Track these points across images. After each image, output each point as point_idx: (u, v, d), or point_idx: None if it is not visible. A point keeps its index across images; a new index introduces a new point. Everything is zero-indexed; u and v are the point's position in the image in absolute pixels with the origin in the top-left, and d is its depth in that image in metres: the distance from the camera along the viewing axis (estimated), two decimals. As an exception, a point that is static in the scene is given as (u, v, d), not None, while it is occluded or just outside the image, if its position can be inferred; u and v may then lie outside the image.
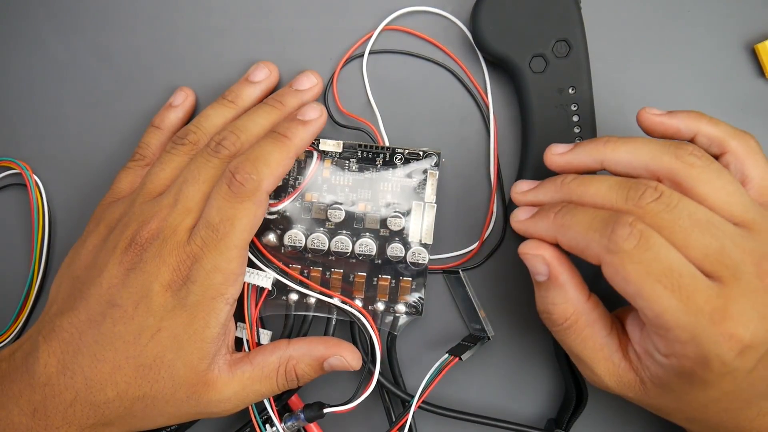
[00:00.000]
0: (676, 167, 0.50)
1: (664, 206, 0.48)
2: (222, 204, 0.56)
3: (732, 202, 0.49)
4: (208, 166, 0.59)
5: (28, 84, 0.70)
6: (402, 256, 0.64)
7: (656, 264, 0.46)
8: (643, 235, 0.47)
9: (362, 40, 0.69)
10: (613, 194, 0.50)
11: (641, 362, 0.52)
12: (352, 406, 0.61)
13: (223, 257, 0.55)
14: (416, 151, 0.64)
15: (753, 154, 0.54)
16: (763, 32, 0.68)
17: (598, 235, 0.48)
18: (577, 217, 0.51)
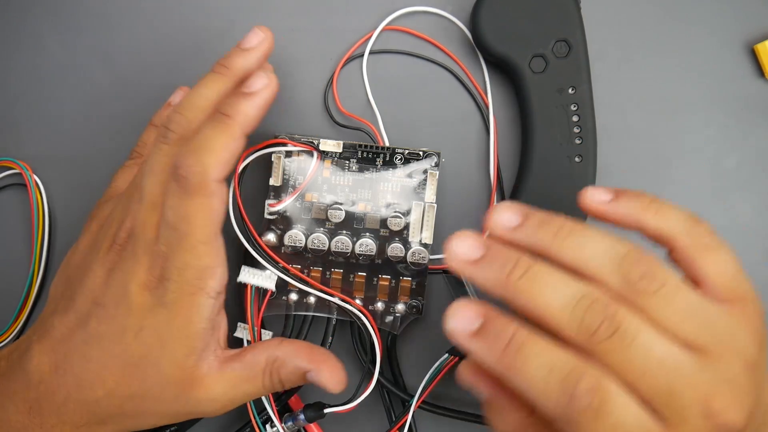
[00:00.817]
0: (624, 292, 0.45)
1: (618, 344, 0.43)
2: (174, 202, 0.53)
3: (683, 329, 0.44)
4: (160, 154, 0.55)
5: (28, 84, 0.70)
6: (402, 256, 0.64)
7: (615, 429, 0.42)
8: (603, 402, 0.42)
9: (362, 40, 0.69)
10: (565, 318, 0.44)
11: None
12: (353, 406, 0.61)
13: (190, 255, 0.53)
14: (416, 151, 0.64)
15: (704, 251, 0.48)
16: (763, 32, 0.68)
17: (554, 401, 0.43)
18: (530, 366, 0.44)
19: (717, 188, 0.68)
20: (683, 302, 0.45)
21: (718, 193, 0.68)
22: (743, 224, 0.67)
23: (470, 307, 0.46)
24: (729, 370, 0.44)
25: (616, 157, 0.68)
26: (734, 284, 0.48)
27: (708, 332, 0.45)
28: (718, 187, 0.68)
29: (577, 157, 0.64)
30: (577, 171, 0.64)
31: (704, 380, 0.44)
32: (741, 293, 0.48)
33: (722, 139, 0.68)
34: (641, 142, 0.68)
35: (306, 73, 0.69)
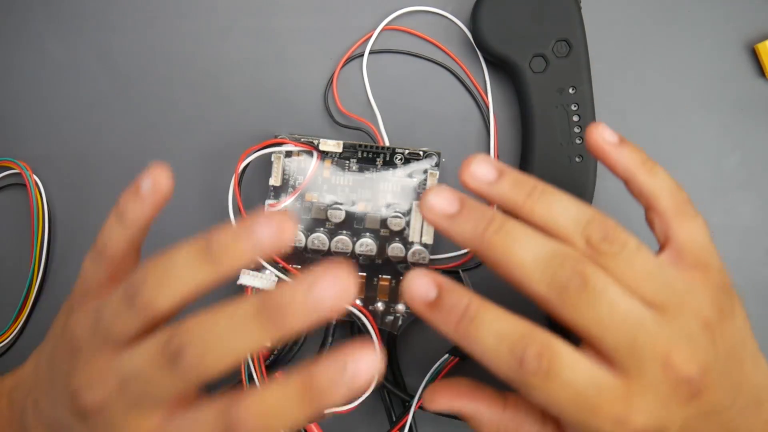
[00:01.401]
0: (589, 253, 0.47)
1: (586, 299, 0.45)
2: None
3: (645, 280, 0.47)
4: (158, 379, 0.44)
5: (28, 84, 0.70)
6: (402, 256, 0.64)
7: (563, 392, 0.45)
8: (551, 364, 0.44)
9: (362, 39, 0.69)
10: (536, 274, 0.46)
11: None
12: (353, 406, 0.61)
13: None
14: (416, 151, 0.64)
15: (680, 215, 0.51)
16: (763, 32, 0.68)
17: (505, 366, 0.45)
18: (481, 334, 0.45)
19: (717, 188, 0.68)
20: (644, 263, 0.47)
21: (718, 193, 0.68)
22: (743, 224, 0.67)
23: (425, 276, 0.47)
24: (687, 326, 0.47)
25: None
26: (702, 252, 0.50)
27: (667, 291, 0.47)
28: (718, 187, 0.68)
29: (577, 157, 0.64)
30: (577, 171, 0.64)
31: (664, 335, 0.46)
32: (706, 261, 0.50)
33: (722, 139, 0.68)
34: (641, 142, 0.68)
35: (306, 73, 0.70)
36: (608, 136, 0.52)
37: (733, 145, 0.68)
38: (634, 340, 0.45)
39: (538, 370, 0.44)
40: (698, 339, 0.47)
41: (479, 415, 0.53)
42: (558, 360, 0.45)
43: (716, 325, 0.48)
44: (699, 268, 0.50)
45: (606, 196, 0.67)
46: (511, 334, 0.45)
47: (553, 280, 0.45)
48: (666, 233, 0.51)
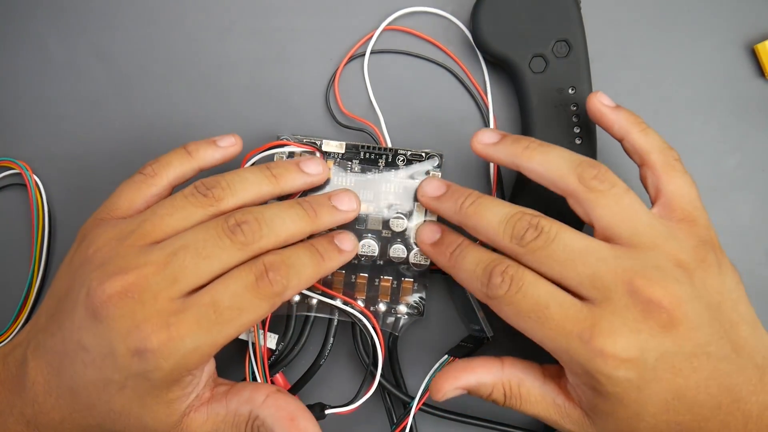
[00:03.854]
0: (576, 189, 0.54)
1: (542, 243, 0.53)
2: (241, 292, 0.52)
3: (623, 226, 0.53)
4: (217, 243, 0.53)
5: (28, 84, 0.70)
6: (404, 257, 0.64)
7: (525, 302, 0.52)
8: (513, 278, 0.53)
9: (363, 40, 0.69)
10: (500, 231, 0.54)
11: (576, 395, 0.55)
12: (354, 407, 0.61)
13: (210, 341, 0.51)
14: (419, 152, 0.64)
15: (670, 169, 0.57)
16: (763, 32, 0.68)
17: (479, 284, 0.54)
18: (465, 262, 0.56)
19: (717, 188, 0.68)
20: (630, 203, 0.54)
21: (718, 193, 0.68)
22: (743, 224, 0.68)
23: (433, 224, 0.62)
24: (657, 260, 0.52)
25: (616, 157, 0.67)
26: (688, 206, 0.56)
27: (646, 231, 0.53)
28: (717, 188, 0.68)
29: (578, 157, 0.64)
30: (577, 171, 0.64)
31: (626, 265, 0.51)
32: (692, 215, 0.55)
33: (722, 139, 0.68)
34: (641, 142, 0.68)
35: (307, 73, 0.69)
36: (606, 101, 0.60)
37: (732, 145, 0.68)
38: (595, 272, 0.51)
39: (502, 283, 0.53)
40: (669, 272, 0.51)
41: (482, 381, 0.57)
42: (521, 276, 0.53)
43: (694, 270, 0.52)
44: (686, 221, 0.55)
45: (606, 196, 0.67)
46: (486, 259, 0.55)
47: (513, 232, 0.54)
48: (656, 186, 0.57)
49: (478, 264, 0.55)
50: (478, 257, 0.56)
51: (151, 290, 0.51)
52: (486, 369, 0.57)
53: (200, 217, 0.56)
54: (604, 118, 0.60)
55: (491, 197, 0.58)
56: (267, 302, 0.53)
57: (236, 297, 0.52)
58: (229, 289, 0.52)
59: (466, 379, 0.57)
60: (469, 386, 0.57)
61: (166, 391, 0.52)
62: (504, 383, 0.57)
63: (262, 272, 0.53)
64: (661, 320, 0.49)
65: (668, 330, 0.49)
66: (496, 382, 0.57)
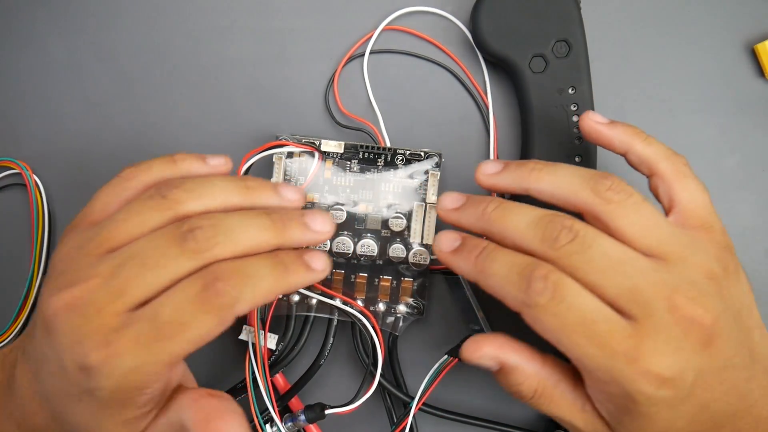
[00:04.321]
0: (593, 203, 0.51)
1: (578, 247, 0.48)
2: (184, 304, 0.47)
3: (647, 236, 0.50)
4: (165, 251, 0.49)
5: (28, 84, 0.70)
6: (403, 256, 0.64)
7: (571, 315, 0.47)
8: (557, 286, 0.47)
9: (363, 40, 0.69)
10: (530, 233, 0.50)
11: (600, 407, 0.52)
12: (354, 407, 0.61)
13: (152, 359, 0.47)
14: (418, 152, 0.64)
15: (681, 177, 0.55)
16: (763, 32, 0.68)
17: (515, 290, 0.49)
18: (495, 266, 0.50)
19: (716, 188, 0.67)
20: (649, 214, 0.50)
21: (718, 193, 0.67)
22: (743, 224, 0.67)
23: (452, 232, 0.54)
24: (691, 274, 0.49)
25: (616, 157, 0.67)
26: (703, 213, 0.54)
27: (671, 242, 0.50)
28: (717, 188, 0.67)
29: (577, 157, 0.64)
30: (577, 171, 0.64)
31: (665, 279, 0.48)
32: (709, 222, 0.53)
33: (722, 139, 0.68)
34: (641, 142, 0.68)
35: (306, 73, 0.70)
36: (599, 119, 0.57)
37: (732, 145, 0.68)
38: (635, 285, 0.47)
39: (544, 290, 0.47)
40: (703, 287, 0.49)
41: (522, 367, 0.53)
42: (564, 284, 0.47)
43: (722, 280, 0.50)
44: (703, 228, 0.53)
45: (606, 196, 0.67)
46: (521, 263, 0.49)
47: (545, 234, 0.49)
48: (669, 195, 0.54)
49: (512, 267, 0.49)
50: (511, 260, 0.50)
51: (95, 304, 0.47)
52: (529, 357, 0.54)
53: (157, 222, 0.51)
54: (602, 136, 0.57)
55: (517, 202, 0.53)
56: (213, 316, 0.47)
57: (178, 310, 0.47)
58: (171, 301, 0.48)
59: (508, 355, 0.53)
60: (507, 364, 0.53)
61: (119, 409, 0.49)
62: (540, 380, 0.53)
63: (209, 282, 0.48)
64: (701, 338, 0.47)
65: (706, 347, 0.47)
66: (533, 376, 0.53)
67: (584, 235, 0.49)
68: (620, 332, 0.47)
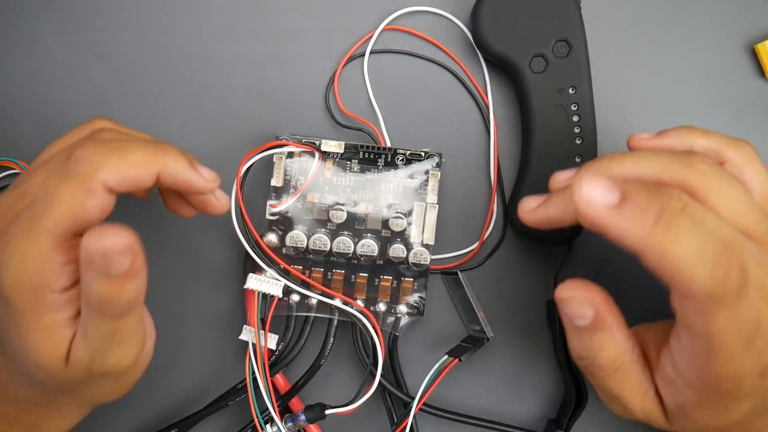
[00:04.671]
0: (687, 176, 0.46)
1: (688, 222, 0.42)
2: (47, 180, 0.47)
3: (745, 212, 0.46)
4: (50, 180, 0.48)
5: (27, 84, 0.70)
6: (404, 256, 0.64)
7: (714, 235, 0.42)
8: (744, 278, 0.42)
9: (363, 40, 0.69)
10: (642, 195, 0.43)
11: (669, 390, 0.49)
12: (354, 407, 0.61)
13: (32, 242, 0.46)
14: (418, 151, 0.64)
15: (752, 161, 0.52)
16: (763, 32, 0.68)
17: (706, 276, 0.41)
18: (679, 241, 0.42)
19: (717, 188, 0.68)
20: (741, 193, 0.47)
21: (718, 193, 0.68)
22: (743, 224, 0.67)
23: (606, 178, 0.44)
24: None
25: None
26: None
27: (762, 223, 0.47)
28: (718, 187, 0.68)
29: (577, 157, 0.64)
30: (577, 171, 0.64)
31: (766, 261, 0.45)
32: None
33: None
34: (641, 142, 0.68)
35: (307, 73, 0.69)
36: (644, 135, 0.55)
37: (732, 145, 0.68)
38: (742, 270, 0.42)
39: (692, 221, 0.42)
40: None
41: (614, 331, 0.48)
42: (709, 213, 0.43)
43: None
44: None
45: (606, 196, 0.67)
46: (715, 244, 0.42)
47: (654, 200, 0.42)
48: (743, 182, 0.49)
49: (706, 248, 0.41)
50: (704, 237, 0.42)
51: (3, 208, 0.49)
52: (622, 325, 0.49)
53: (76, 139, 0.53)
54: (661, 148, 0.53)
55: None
56: (76, 184, 0.46)
57: (44, 186, 0.47)
58: (38, 178, 0.49)
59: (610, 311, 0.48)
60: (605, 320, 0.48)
61: (35, 313, 0.47)
62: (623, 352, 0.49)
63: (68, 152, 0.48)
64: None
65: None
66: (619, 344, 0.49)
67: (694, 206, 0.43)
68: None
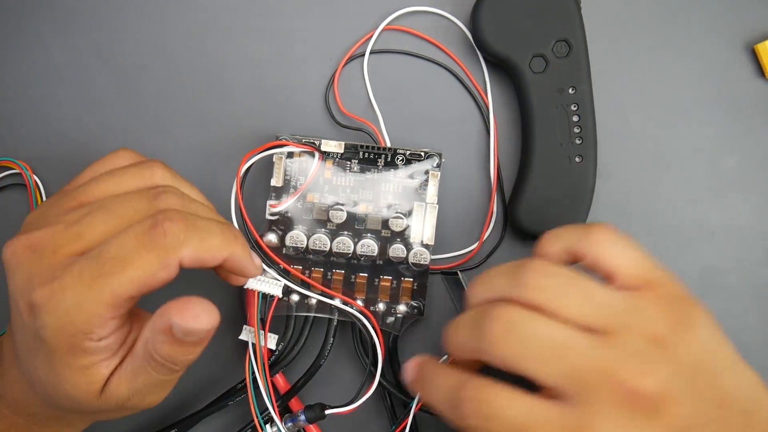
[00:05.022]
0: (522, 294, 0.48)
1: (514, 337, 0.46)
2: (128, 242, 0.47)
3: (585, 311, 0.47)
4: (133, 206, 0.49)
5: (27, 84, 0.70)
6: (403, 256, 0.64)
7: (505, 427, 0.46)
8: (482, 404, 0.47)
9: (363, 40, 0.69)
10: (467, 334, 0.50)
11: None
12: (353, 407, 0.61)
13: (94, 297, 0.45)
14: (418, 152, 0.64)
15: (606, 247, 0.51)
16: (763, 32, 0.68)
17: (451, 415, 0.48)
18: (431, 391, 0.52)
19: (716, 188, 0.68)
20: (580, 291, 0.48)
21: (718, 193, 0.68)
22: (743, 224, 0.68)
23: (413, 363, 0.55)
24: (633, 345, 0.46)
25: (616, 157, 0.68)
26: (641, 270, 0.50)
27: (608, 314, 0.47)
28: (717, 187, 0.68)
29: (577, 157, 0.64)
30: (577, 171, 0.64)
31: (606, 356, 0.45)
32: (650, 278, 0.50)
33: (722, 139, 0.68)
34: (641, 142, 0.68)
35: (307, 73, 0.69)
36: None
37: (732, 145, 0.68)
38: (573, 368, 0.45)
39: (473, 411, 0.46)
40: (648, 355, 0.46)
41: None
42: (493, 398, 0.46)
43: (670, 339, 0.47)
44: (647, 287, 0.49)
45: (606, 197, 0.67)
46: (451, 384, 0.49)
47: (479, 332, 0.48)
48: (603, 269, 0.51)
49: (446, 390, 0.49)
50: (443, 382, 0.50)
51: (53, 245, 0.47)
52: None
53: (133, 186, 0.52)
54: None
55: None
56: (156, 256, 0.46)
57: (122, 247, 0.46)
58: (117, 238, 0.47)
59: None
60: None
61: (70, 356, 0.47)
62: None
63: (158, 221, 0.47)
64: (649, 409, 0.45)
65: (657, 416, 0.45)
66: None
67: (512, 319, 0.47)
68: (558, 422, 0.45)
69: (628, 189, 0.68)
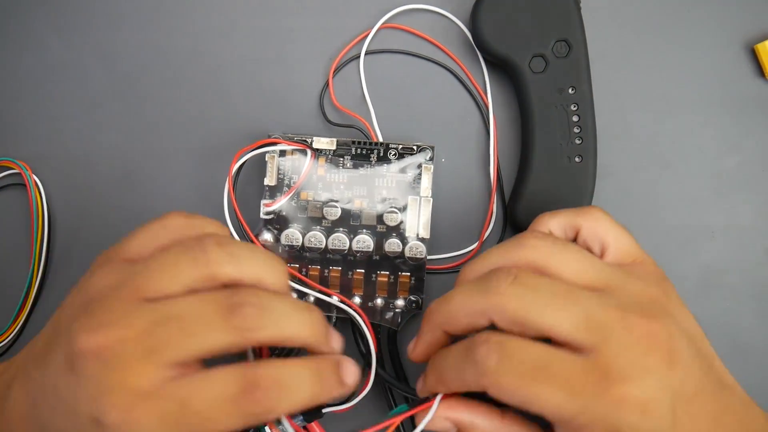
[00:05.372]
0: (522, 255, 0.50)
1: (522, 287, 0.48)
2: (217, 401, 0.46)
3: (584, 270, 0.50)
4: (210, 321, 0.47)
5: (27, 84, 0.70)
6: (400, 251, 0.64)
7: (523, 367, 0.46)
8: (500, 345, 0.47)
9: (359, 38, 0.69)
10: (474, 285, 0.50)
11: None
12: (350, 405, 0.60)
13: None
14: (410, 145, 0.64)
15: (602, 223, 0.55)
16: (763, 32, 0.68)
17: (467, 366, 0.48)
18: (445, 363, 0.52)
19: (716, 188, 0.67)
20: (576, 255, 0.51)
21: (718, 193, 0.67)
22: (743, 224, 0.67)
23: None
24: (634, 297, 0.49)
25: (616, 157, 0.67)
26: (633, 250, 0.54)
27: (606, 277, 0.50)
28: (717, 187, 0.67)
29: (577, 157, 0.64)
30: (577, 171, 0.64)
31: (615, 304, 0.47)
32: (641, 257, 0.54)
33: (722, 139, 0.68)
34: (641, 142, 0.68)
35: (303, 72, 0.70)
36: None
37: (732, 145, 0.68)
38: (586, 313, 0.46)
39: (489, 351, 0.47)
40: (650, 307, 0.48)
41: (477, 424, 0.52)
42: (507, 341, 0.47)
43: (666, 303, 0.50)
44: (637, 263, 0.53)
45: (606, 197, 0.67)
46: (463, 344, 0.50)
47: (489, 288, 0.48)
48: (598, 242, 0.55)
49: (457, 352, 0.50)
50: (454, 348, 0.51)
51: (125, 357, 0.46)
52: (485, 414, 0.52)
53: (191, 280, 0.49)
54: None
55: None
56: (243, 421, 0.46)
57: (210, 406, 0.46)
58: (206, 392, 0.46)
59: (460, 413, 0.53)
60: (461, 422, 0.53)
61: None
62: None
63: (248, 388, 0.46)
64: (664, 356, 0.46)
65: (672, 366, 0.46)
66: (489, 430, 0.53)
67: (525, 275, 0.48)
68: (580, 368, 0.45)
69: (628, 189, 0.68)
